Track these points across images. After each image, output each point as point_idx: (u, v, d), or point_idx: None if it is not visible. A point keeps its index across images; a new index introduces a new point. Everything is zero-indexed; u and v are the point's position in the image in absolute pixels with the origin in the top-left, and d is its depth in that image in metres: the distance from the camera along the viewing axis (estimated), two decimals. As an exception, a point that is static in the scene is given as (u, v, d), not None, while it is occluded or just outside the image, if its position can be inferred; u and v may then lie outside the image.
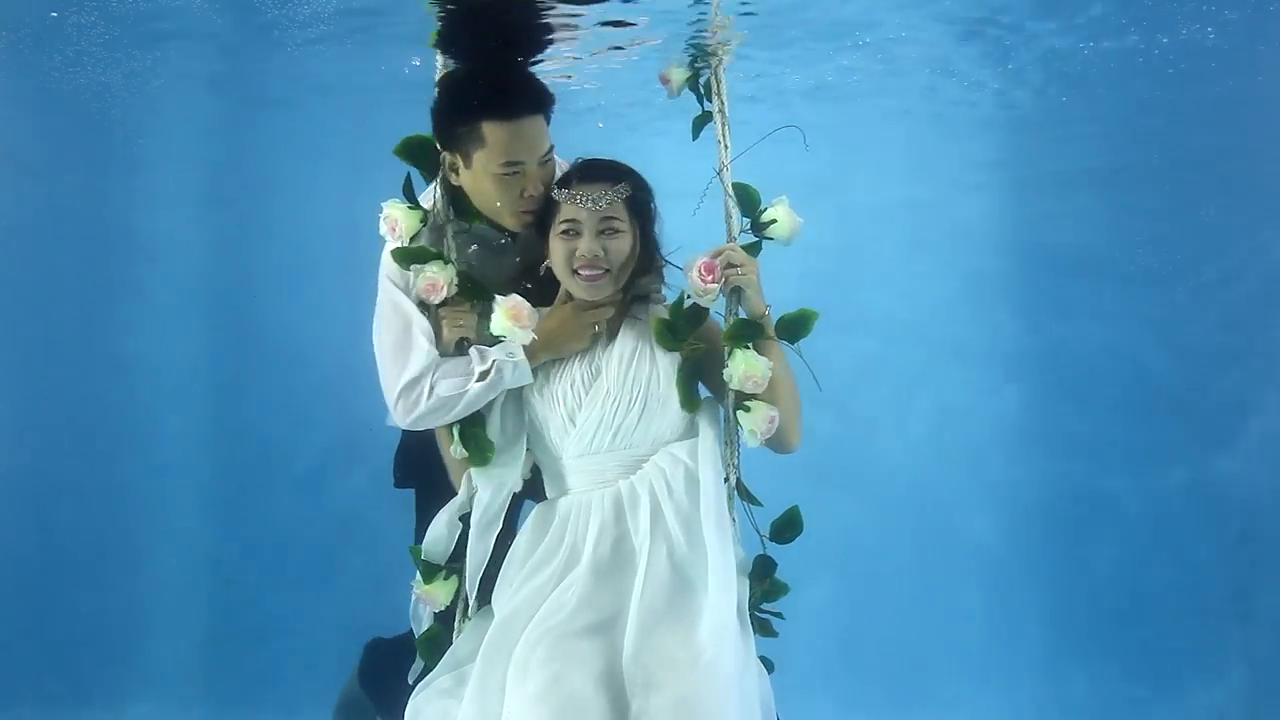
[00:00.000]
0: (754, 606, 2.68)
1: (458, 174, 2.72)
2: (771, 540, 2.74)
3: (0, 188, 6.18)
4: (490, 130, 2.60)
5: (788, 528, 2.76)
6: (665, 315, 2.68)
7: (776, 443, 2.69)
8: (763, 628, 2.74)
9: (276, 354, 6.23)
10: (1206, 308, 6.61)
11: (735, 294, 2.67)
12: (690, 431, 2.68)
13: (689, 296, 2.64)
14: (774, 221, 2.71)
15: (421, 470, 3.21)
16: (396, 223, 2.70)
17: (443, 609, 2.78)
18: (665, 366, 2.66)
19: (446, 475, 2.91)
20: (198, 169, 6.29)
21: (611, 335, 2.72)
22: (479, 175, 2.66)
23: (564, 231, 2.60)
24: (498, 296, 2.63)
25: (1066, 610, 6.34)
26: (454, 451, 2.73)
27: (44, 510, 5.93)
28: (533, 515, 2.74)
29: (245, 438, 6.25)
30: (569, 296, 2.70)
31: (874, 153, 6.69)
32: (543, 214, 2.67)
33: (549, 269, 2.69)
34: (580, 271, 2.60)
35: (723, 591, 2.45)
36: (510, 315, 2.61)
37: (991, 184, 6.88)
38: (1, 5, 4.44)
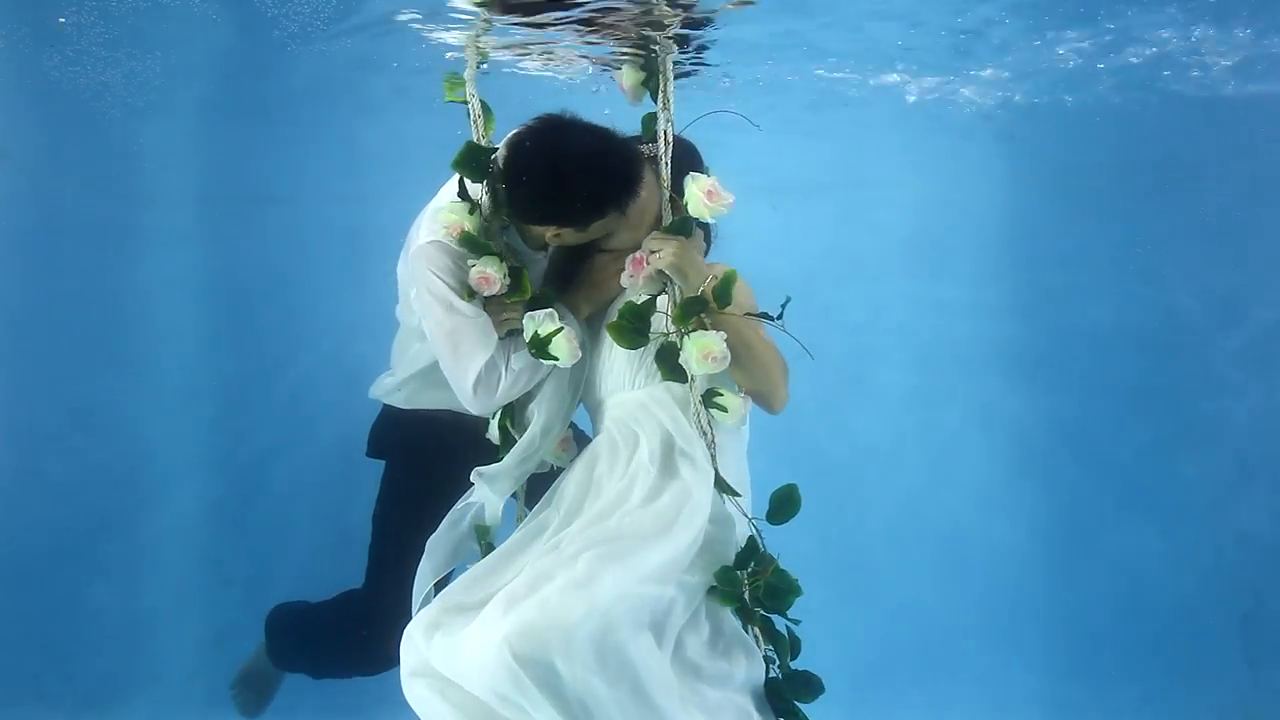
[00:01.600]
0: (757, 600, 2.67)
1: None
2: (768, 519, 2.73)
3: (-1, 187, 6.17)
4: (631, 207, 2.72)
5: (784, 505, 2.72)
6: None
7: (761, 405, 2.79)
8: (770, 634, 2.71)
9: (279, 354, 6.22)
10: (1206, 312, 6.60)
11: (662, 277, 2.73)
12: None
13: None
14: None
15: (398, 443, 3.29)
16: (454, 225, 2.77)
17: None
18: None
19: (420, 452, 3.11)
20: (198, 169, 6.27)
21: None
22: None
23: None
24: (567, 324, 2.75)
25: (1067, 609, 6.33)
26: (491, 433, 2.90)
27: (43, 510, 5.92)
28: None
29: (247, 437, 6.24)
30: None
31: (876, 151, 6.69)
32: None
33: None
34: None
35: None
36: (569, 345, 2.72)
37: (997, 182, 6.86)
38: (2, 5, 4.44)
